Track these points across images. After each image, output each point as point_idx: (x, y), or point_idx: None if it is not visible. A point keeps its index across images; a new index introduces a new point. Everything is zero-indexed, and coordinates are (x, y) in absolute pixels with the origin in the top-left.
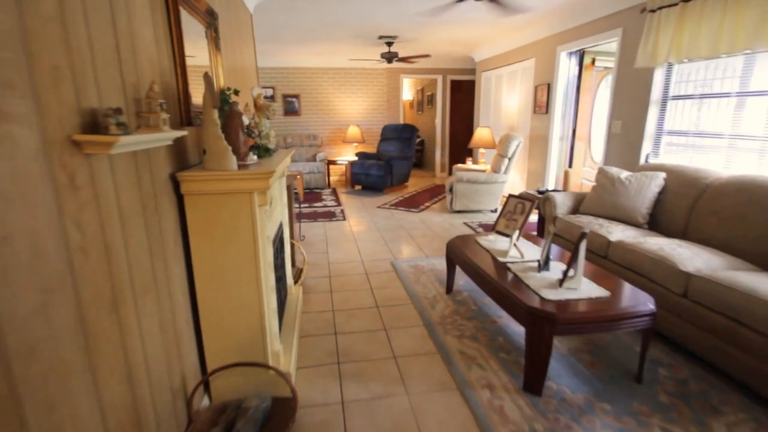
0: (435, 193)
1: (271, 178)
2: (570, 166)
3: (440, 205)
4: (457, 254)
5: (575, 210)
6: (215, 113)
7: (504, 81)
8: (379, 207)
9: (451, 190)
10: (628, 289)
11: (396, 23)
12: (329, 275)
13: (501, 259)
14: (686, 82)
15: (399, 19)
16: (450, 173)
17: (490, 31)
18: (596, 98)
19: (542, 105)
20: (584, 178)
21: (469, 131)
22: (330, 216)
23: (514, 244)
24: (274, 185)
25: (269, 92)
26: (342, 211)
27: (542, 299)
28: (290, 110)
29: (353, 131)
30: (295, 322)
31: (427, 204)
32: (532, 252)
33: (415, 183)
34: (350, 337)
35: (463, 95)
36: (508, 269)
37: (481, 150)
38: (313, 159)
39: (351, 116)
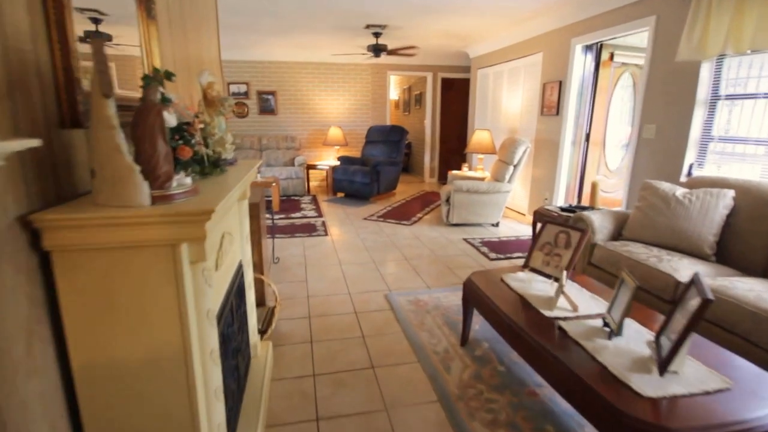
0: (426, 201)
1: (209, 220)
2: (583, 174)
3: (434, 216)
4: (480, 299)
5: (617, 235)
6: (109, 107)
7: (504, 79)
8: (365, 218)
9: (447, 200)
10: (751, 372)
11: (385, 11)
12: (309, 314)
13: (546, 313)
14: (742, 78)
15: (389, 5)
16: (440, 179)
17: (490, 22)
18: (612, 98)
19: (552, 105)
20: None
21: (462, 134)
22: (310, 230)
23: (562, 292)
24: (225, 220)
25: (242, 88)
26: (323, 224)
27: (637, 395)
28: (266, 109)
29: (335, 133)
30: (260, 404)
31: (418, 215)
32: (582, 299)
33: (404, 190)
34: (338, 424)
35: (455, 95)
36: (562, 331)
37: (479, 155)
38: (291, 163)
39: (333, 116)
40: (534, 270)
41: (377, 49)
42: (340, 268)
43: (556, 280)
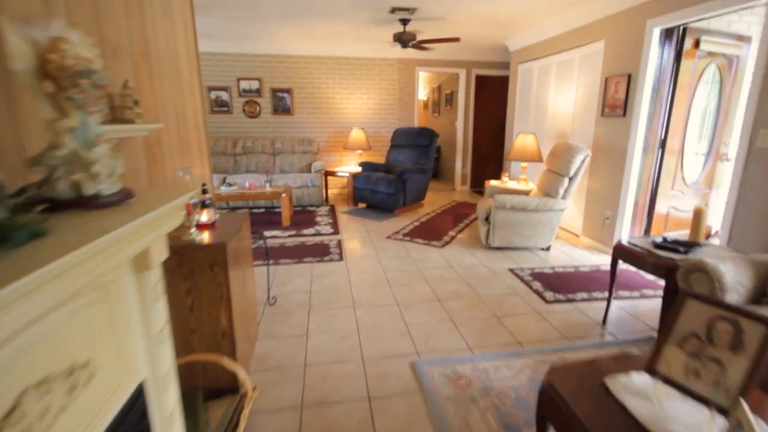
0: (459, 215)
1: None
2: (655, 189)
3: (469, 235)
4: (570, 424)
5: (759, 295)
6: None
7: (552, 74)
8: (389, 237)
9: (487, 219)
10: None
11: None
12: (301, 401)
13: None
14: None
15: None
16: (473, 187)
17: (537, 7)
18: (695, 96)
19: (616, 104)
20: (671, 206)
21: (497, 137)
22: (322, 252)
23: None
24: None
25: (254, 85)
26: (339, 245)
27: None
28: (280, 108)
29: (357, 136)
30: None
31: (451, 233)
32: None
33: (432, 200)
34: None
35: (490, 94)
36: None
37: (522, 163)
38: (308, 169)
39: (355, 117)
40: (669, 381)
41: (404, 39)
42: (354, 314)
43: (721, 410)
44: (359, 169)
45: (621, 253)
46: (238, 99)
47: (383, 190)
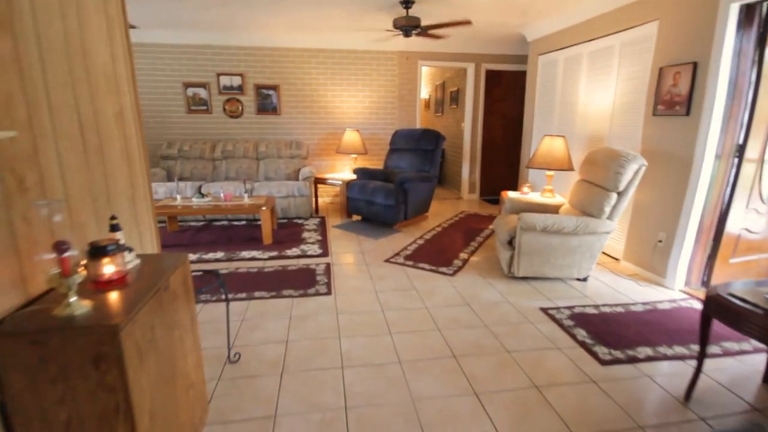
0: (469, 230)
1: None
2: (728, 205)
3: (484, 257)
4: None
5: None
6: None
7: (582, 65)
8: (387, 260)
9: (510, 242)
10: None
11: None
12: None
13: None
14: None
15: None
16: (482, 195)
17: None
18: None
19: (676, 101)
20: (743, 227)
21: (511, 140)
22: (306, 282)
23: None
24: None
25: (236, 81)
26: (327, 271)
27: None
28: (266, 107)
29: (351, 138)
30: None
31: (463, 255)
32: None
33: (437, 210)
34: None
35: (502, 91)
36: None
37: (548, 172)
38: (296, 176)
39: (349, 117)
40: None
41: (407, 26)
42: (342, 379)
43: None
44: (353, 176)
45: (719, 310)
46: (218, 97)
47: (381, 202)
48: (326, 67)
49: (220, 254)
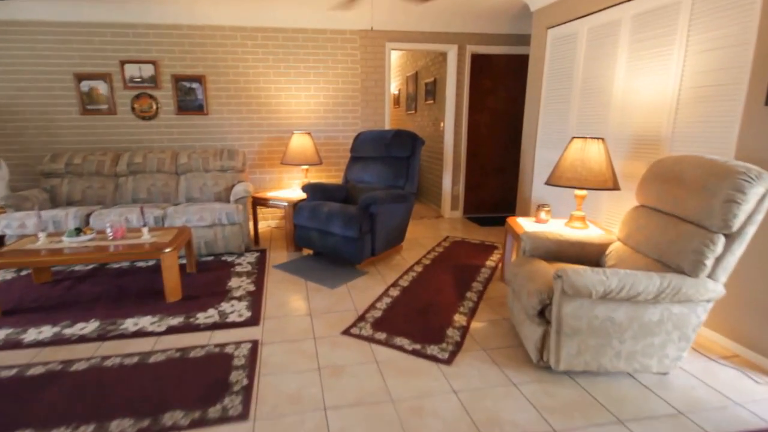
0: (459, 268)
1: None
2: None
3: (490, 321)
4: None
5: None
6: None
7: (620, 37)
8: (347, 330)
9: (541, 313)
10: None
11: None
12: None
13: None
14: None
15: None
16: (467, 212)
17: None
18: None
19: None
20: None
21: (502, 143)
22: (211, 389)
23: None
24: None
25: (146, 71)
26: (252, 359)
27: None
28: (188, 105)
29: (300, 144)
30: None
31: (458, 318)
32: None
33: (413, 234)
34: None
35: (491, 81)
36: None
37: (578, 192)
38: (227, 196)
39: (298, 117)
40: None
41: None
42: None
43: None
44: (303, 195)
45: None
46: (124, 92)
47: (339, 232)
48: (266, 52)
49: (92, 325)
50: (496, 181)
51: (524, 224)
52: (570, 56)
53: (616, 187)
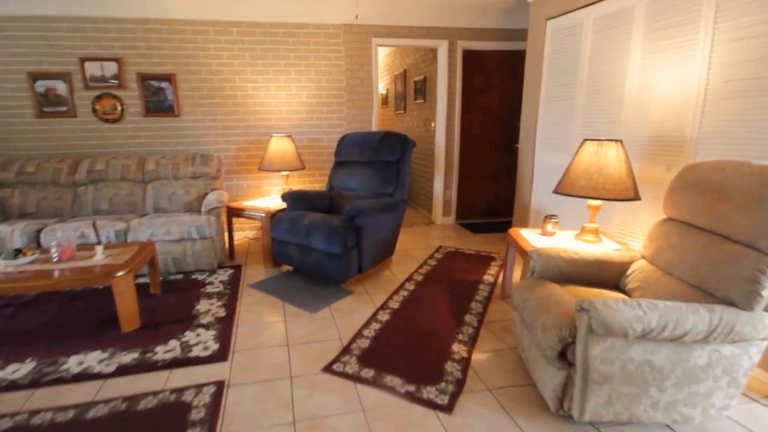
0: (455, 285)
1: None
2: None
3: (494, 352)
4: None
5: None
6: None
7: (633, 26)
8: (329, 367)
9: (563, 355)
10: None
11: None
12: None
13: None
14: None
15: None
16: (459, 218)
17: None
18: None
19: None
20: None
21: (496, 143)
22: None
23: None
24: None
25: (110, 69)
26: (213, 409)
27: None
28: (157, 106)
29: (280, 148)
30: None
31: (457, 349)
32: None
33: (403, 244)
34: None
35: (484, 79)
36: None
37: (591, 202)
38: (197, 207)
39: (278, 119)
40: None
41: None
42: None
43: None
44: (282, 204)
45: None
46: (85, 93)
47: (321, 248)
48: (242, 48)
49: (27, 366)
50: (490, 185)
51: (529, 238)
52: (573, 50)
53: (637, 197)
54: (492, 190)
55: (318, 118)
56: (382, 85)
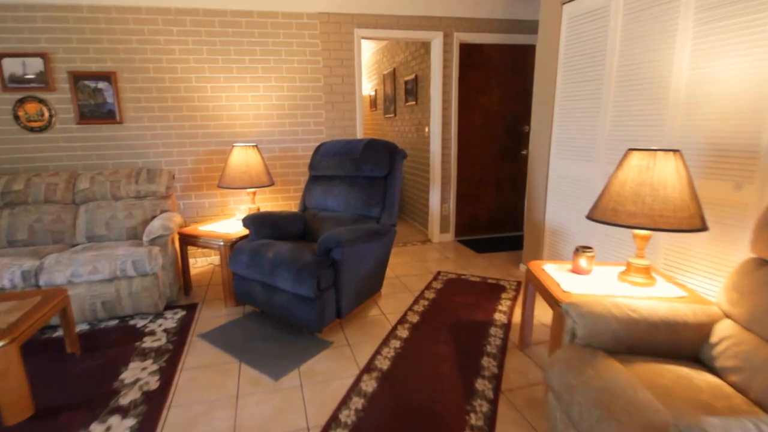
0: (460, 327)
1: None
2: None
3: None
4: None
5: None
6: None
7: (681, 5)
8: None
9: None
10: None
11: None
12: None
13: None
14: None
15: None
16: (459, 234)
17: None
18: None
19: None
20: None
21: (501, 150)
22: None
23: None
24: None
25: (34, 65)
26: None
27: None
28: (94, 111)
29: (243, 161)
30: None
31: None
32: None
33: (395, 268)
34: None
35: (484, 76)
36: None
37: (639, 231)
38: (141, 234)
39: (244, 124)
40: None
41: None
42: None
43: None
44: (244, 231)
45: None
46: (4, 96)
47: (289, 288)
48: (199, 41)
49: None
50: (493, 197)
51: (557, 276)
52: (598, 38)
53: (704, 227)
54: (495, 202)
55: (292, 124)
56: (370, 86)
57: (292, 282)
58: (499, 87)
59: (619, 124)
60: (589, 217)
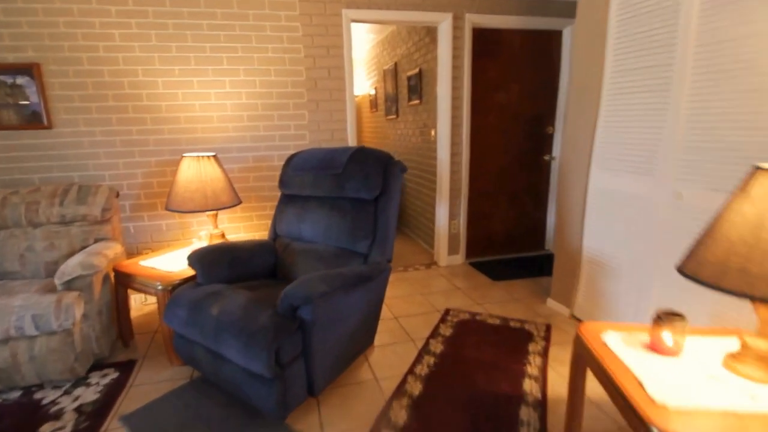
0: (476, 396)
1: None
2: None
3: None
4: None
5: None
6: None
7: None
8: None
9: None
10: None
11: None
12: None
13: None
14: None
15: None
16: (471, 257)
17: None
18: None
19: None
20: None
21: (521, 156)
22: None
23: None
24: None
25: None
26: None
27: None
28: (13, 113)
29: (196, 176)
30: None
31: None
32: None
33: (392, 300)
34: None
35: (501, 68)
36: None
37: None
38: (56, 271)
39: (207, 128)
40: None
41: None
42: None
43: None
44: (188, 270)
45: None
46: None
47: (240, 361)
48: (145, 24)
49: None
50: (510, 210)
51: (628, 359)
52: (666, 12)
53: None
54: (513, 217)
55: (267, 128)
56: (370, 83)
57: (242, 354)
58: (519, 81)
59: (699, 126)
60: (693, 277)
